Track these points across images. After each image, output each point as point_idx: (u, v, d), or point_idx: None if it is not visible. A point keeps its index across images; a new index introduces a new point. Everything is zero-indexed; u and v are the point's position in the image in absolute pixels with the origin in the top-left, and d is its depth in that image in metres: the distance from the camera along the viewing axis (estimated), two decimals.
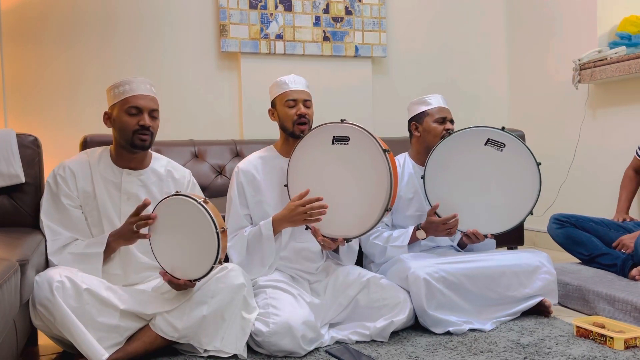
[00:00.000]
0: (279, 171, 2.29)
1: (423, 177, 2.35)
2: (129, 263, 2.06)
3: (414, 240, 2.39)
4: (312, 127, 2.18)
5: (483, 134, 2.31)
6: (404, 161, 2.58)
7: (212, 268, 1.84)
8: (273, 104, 2.33)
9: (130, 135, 2.03)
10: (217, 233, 1.81)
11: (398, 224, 2.51)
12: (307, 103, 2.29)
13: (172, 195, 1.90)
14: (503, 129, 2.30)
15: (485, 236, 2.34)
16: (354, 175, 2.11)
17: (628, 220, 2.85)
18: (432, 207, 2.32)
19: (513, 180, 2.30)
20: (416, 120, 2.54)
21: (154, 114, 2.07)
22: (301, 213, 2.10)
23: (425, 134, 2.50)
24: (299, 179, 2.18)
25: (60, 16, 3.25)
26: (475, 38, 4.20)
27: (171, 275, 1.89)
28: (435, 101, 2.52)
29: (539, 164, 2.27)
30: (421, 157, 2.53)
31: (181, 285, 1.89)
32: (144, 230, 1.92)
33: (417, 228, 2.37)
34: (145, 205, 1.90)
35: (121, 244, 1.99)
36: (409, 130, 2.58)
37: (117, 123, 2.06)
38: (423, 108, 2.52)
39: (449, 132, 2.41)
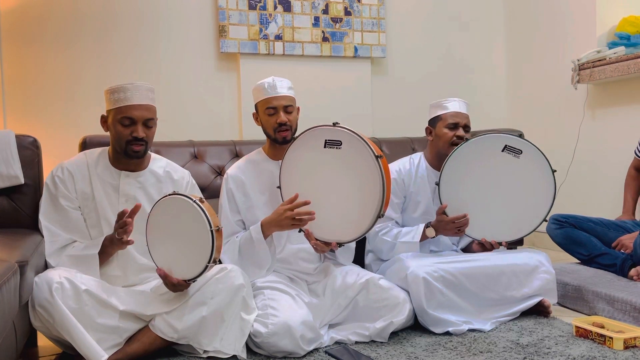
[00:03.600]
0: (268, 175, 2.28)
1: (438, 184, 2.32)
2: (128, 264, 2.06)
3: (423, 238, 2.38)
4: (306, 129, 2.12)
5: (500, 140, 2.29)
6: (418, 161, 2.55)
7: (206, 267, 1.83)
8: (256, 108, 2.30)
9: (124, 145, 2.03)
10: (212, 231, 1.80)
11: (405, 223, 2.51)
12: (288, 109, 2.23)
13: (169, 195, 1.90)
14: (521, 135, 2.28)
15: (500, 244, 2.32)
16: (347, 181, 2.08)
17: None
18: (440, 207, 2.30)
19: (528, 187, 2.29)
20: (431, 124, 2.50)
21: (149, 123, 2.04)
22: (289, 217, 2.08)
23: (437, 140, 2.47)
24: (291, 181, 2.15)
25: (59, 17, 3.25)
26: (474, 39, 4.20)
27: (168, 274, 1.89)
28: (452, 105, 2.45)
29: (554, 171, 2.27)
30: (435, 161, 2.50)
31: (176, 286, 1.89)
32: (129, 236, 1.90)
33: (427, 226, 2.37)
34: (124, 213, 1.87)
35: (115, 249, 1.99)
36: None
37: (112, 130, 2.05)
38: (438, 112, 2.47)
39: (459, 138, 2.37)
